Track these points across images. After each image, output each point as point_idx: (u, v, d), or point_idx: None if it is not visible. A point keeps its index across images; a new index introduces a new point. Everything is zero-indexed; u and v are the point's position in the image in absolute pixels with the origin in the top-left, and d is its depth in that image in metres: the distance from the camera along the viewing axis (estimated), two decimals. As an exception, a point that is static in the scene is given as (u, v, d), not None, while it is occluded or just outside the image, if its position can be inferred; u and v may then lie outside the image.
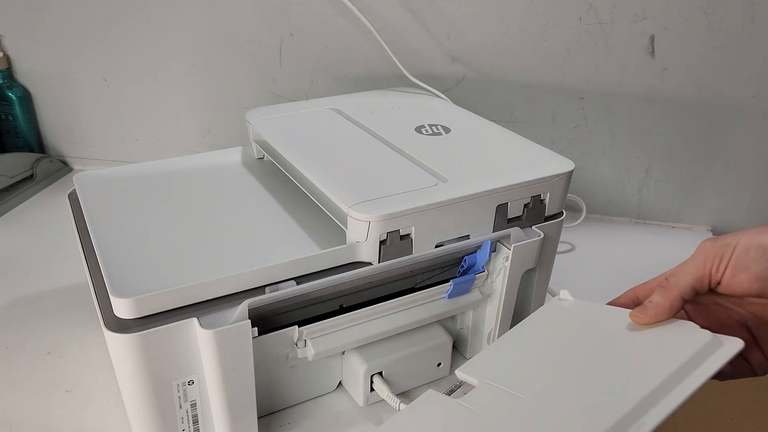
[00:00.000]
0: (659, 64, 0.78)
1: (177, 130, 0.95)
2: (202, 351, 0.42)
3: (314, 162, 0.54)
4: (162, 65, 0.90)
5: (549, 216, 0.56)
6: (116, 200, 0.55)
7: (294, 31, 0.84)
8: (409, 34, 0.81)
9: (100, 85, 0.93)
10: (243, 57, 0.87)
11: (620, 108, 0.81)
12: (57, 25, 0.89)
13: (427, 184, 0.50)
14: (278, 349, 0.47)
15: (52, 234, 0.79)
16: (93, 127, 0.97)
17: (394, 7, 0.80)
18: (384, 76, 0.84)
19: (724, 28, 0.74)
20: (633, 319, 0.39)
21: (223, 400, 0.44)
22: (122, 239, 0.49)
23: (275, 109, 0.67)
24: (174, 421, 0.45)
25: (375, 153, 0.57)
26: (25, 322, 0.62)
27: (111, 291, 0.41)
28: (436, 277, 0.52)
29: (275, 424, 0.51)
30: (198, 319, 0.42)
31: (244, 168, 0.63)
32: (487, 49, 0.81)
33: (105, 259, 0.45)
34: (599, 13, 0.76)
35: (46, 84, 0.94)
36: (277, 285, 0.45)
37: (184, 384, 0.44)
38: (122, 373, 0.42)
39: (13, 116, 0.94)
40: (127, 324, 0.41)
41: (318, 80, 0.87)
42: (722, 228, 0.86)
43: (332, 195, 0.49)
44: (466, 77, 0.83)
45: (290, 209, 0.56)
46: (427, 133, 0.61)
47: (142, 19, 0.87)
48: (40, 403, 0.53)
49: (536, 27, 0.78)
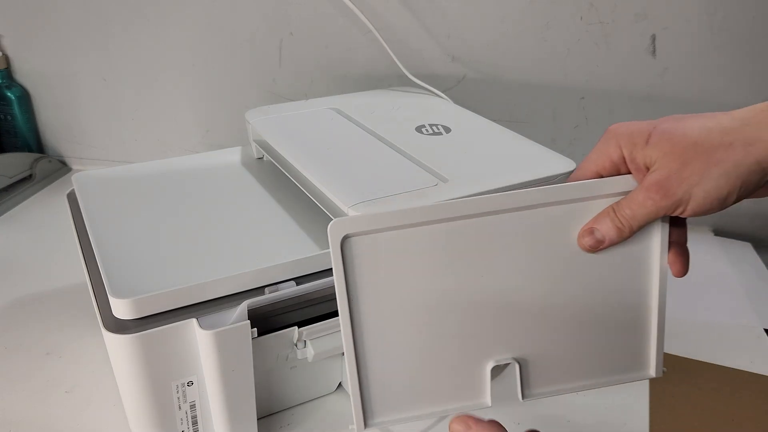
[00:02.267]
0: (660, 64, 0.77)
1: (176, 130, 0.95)
2: (201, 352, 0.42)
3: (314, 162, 0.54)
4: (162, 65, 0.90)
5: (550, 216, 0.56)
6: (115, 200, 0.55)
7: (294, 31, 0.84)
8: (409, 34, 0.81)
9: (100, 85, 0.93)
10: (243, 57, 0.87)
11: (621, 108, 0.81)
12: (56, 25, 0.89)
13: (428, 184, 0.50)
14: (278, 349, 0.47)
15: (51, 234, 0.79)
16: (92, 127, 0.97)
17: (394, 7, 0.80)
18: (384, 76, 0.84)
19: (726, 28, 0.74)
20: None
21: (223, 401, 0.44)
22: (121, 239, 0.49)
23: (275, 108, 0.67)
24: (173, 421, 0.45)
25: (375, 153, 0.56)
26: (25, 323, 0.62)
27: (110, 292, 0.41)
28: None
29: (275, 425, 0.51)
30: (197, 319, 0.41)
31: (244, 168, 0.63)
32: (487, 48, 0.81)
33: (104, 260, 0.45)
34: (600, 12, 0.76)
35: (45, 84, 0.94)
36: (276, 285, 0.45)
37: (184, 385, 0.44)
38: (121, 374, 0.42)
39: (12, 116, 0.94)
40: (126, 325, 0.41)
41: (318, 80, 0.87)
42: (724, 228, 0.86)
43: (332, 195, 0.49)
44: (466, 77, 0.83)
45: (290, 209, 0.56)
46: (427, 132, 0.61)
47: (142, 18, 0.87)
48: (40, 404, 0.53)
49: (537, 26, 0.78)
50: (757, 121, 0.34)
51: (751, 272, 0.77)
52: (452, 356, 0.41)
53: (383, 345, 0.39)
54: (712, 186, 0.35)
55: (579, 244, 0.39)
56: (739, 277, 0.75)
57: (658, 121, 0.37)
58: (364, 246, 0.37)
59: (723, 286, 0.73)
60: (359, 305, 0.38)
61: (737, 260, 0.79)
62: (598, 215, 0.39)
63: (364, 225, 0.37)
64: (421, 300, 0.39)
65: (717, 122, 0.35)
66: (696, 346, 0.62)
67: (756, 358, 0.61)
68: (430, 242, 0.39)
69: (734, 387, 0.57)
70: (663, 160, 0.35)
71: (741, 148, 0.34)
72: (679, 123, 0.36)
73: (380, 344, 0.39)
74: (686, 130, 0.35)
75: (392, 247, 0.38)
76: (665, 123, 0.36)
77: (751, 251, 0.82)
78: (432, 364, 0.41)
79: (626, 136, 0.37)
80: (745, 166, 0.34)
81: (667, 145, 0.35)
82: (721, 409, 0.55)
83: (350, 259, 0.37)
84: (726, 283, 0.74)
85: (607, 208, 0.38)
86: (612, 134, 0.38)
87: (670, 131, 0.36)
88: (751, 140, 0.34)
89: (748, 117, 0.35)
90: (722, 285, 0.74)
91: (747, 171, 0.34)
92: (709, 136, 0.35)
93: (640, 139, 0.36)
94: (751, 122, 0.34)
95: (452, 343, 0.40)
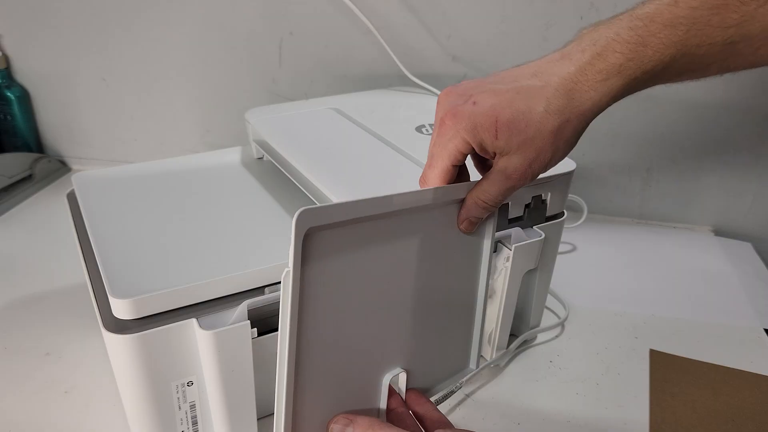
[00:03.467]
0: (660, 64, 0.77)
1: (176, 129, 0.95)
2: (201, 352, 0.42)
3: (314, 162, 0.54)
4: (161, 65, 0.90)
5: (550, 216, 0.56)
6: (115, 200, 0.55)
7: (294, 31, 0.84)
8: (409, 34, 0.81)
9: (99, 85, 0.93)
10: (242, 57, 0.87)
11: (621, 107, 0.80)
12: (56, 25, 0.89)
13: (428, 184, 0.50)
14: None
15: (51, 234, 0.79)
16: (92, 127, 0.97)
17: (394, 7, 0.80)
18: (384, 76, 0.84)
19: (726, 27, 0.74)
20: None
21: (223, 402, 0.44)
22: (121, 239, 0.49)
23: (275, 108, 0.67)
24: (173, 422, 0.45)
25: (375, 153, 0.56)
26: (24, 323, 0.62)
27: (110, 292, 0.41)
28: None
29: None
30: (197, 319, 0.41)
31: (244, 168, 0.63)
32: (487, 48, 0.81)
33: (104, 260, 0.45)
34: (600, 12, 0.76)
35: (45, 84, 0.94)
36: (276, 285, 0.45)
37: (184, 385, 0.44)
38: (121, 374, 0.42)
39: (12, 116, 0.94)
40: (126, 325, 0.41)
41: (318, 80, 0.87)
42: (724, 228, 0.86)
43: (332, 195, 0.49)
44: (466, 77, 0.83)
45: (290, 209, 0.56)
46: (427, 132, 0.61)
47: (142, 19, 0.87)
48: (39, 404, 0.53)
49: (537, 26, 0.78)
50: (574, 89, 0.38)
51: (751, 272, 0.77)
52: (364, 366, 0.40)
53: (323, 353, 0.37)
54: (562, 153, 0.40)
55: (461, 229, 0.43)
56: (739, 277, 0.75)
57: (488, 101, 0.38)
58: (324, 241, 0.35)
59: (723, 286, 0.73)
60: (308, 307, 0.35)
61: (737, 260, 0.79)
62: (466, 206, 0.42)
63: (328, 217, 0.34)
64: (355, 304, 0.38)
65: (544, 102, 0.38)
66: (696, 346, 0.62)
67: (756, 358, 0.61)
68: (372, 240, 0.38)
69: (734, 387, 0.57)
70: (519, 151, 0.39)
71: (575, 119, 0.38)
72: (513, 109, 0.38)
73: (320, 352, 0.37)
74: (528, 120, 0.38)
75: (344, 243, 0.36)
76: (502, 111, 0.38)
77: (751, 251, 0.82)
78: (351, 375, 0.40)
79: (471, 130, 0.39)
80: (581, 128, 0.40)
81: (517, 139, 0.38)
82: (721, 409, 0.55)
83: (309, 253, 0.34)
84: (726, 283, 0.74)
85: (471, 196, 0.42)
86: (452, 130, 0.39)
87: (513, 124, 0.38)
88: (576, 111, 0.38)
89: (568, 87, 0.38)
90: (722, 285, 0.74)
91: (583, 130, 0.40)
92: (548, 121, 0.38)
93: (487, 134, 0.38)
94: (569, 93, 0.38)
95: (368, 352, 0.40)
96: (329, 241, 0.35)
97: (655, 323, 0.66)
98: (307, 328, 0.36)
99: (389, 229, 0.38)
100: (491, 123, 0.38)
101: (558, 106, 0.38)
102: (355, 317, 0.38)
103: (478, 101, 0.39)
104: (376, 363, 0.41)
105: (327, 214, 0.34)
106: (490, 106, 0.38)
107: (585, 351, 0.61)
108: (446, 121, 0.40)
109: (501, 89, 0.39)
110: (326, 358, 0.38)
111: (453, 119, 0.39)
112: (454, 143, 0.40)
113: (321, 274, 0.35)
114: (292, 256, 0.33)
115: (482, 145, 0.39)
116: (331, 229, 0.35)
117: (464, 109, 0.39)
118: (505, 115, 0.38)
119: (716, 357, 0.61)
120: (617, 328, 0.65)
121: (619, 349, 0.62)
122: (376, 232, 0.37)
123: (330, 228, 0.34)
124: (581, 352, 0.61)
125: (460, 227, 0.43)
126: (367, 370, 0.41)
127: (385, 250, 0.38)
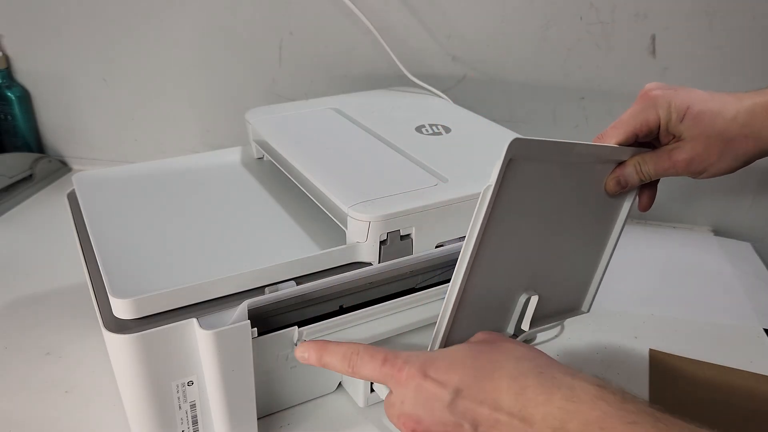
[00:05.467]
0: (660, 64, 0.77)
1: (176, 129, 0.95)
2: (201, 352, 0.42)
3: (314, 162, 0.54)
4: (162, 65, 0.90)
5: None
6: (115, 200, 0.55)
7: (294, 31, 0.84)
8: (409, 34, 0.81)
9: (100, 85, 0.93)
10: (243, 57, 0.87)
11: (621, 108, 0.80)
12: (56, 25, 0.89)
13: (428, 184, 0.50)
14: (278, 349, 0.47)
15: (51, 234, 0.79)
16: (92, 127, 0.97)
17: (394, 7, 0.80)
18: (384, 76, 0.84)
19: (726, 27, 0.74)
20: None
21: (223, 401, 0.44)
22: (121, 239, 0.49)
23: (275, 108, 0.67)
24: (173, 421, 0.45)
25: (375, 153, 0.56)
26: (25, 323, 0.62)
27: (110, 291, 0.41)
28: (436, 277, 0.52)
29: (275, 424, 0.51)
30: (197, 319, 0.41)
31: (244, 168, 0.63)
32: (487, 48, 0.81)
33: (104, 260, 0.45)
34: (600, 12, 0.76)
35: (45, 84, 0.94)
36: (276, 285, 0.45)
37: (184, 385, 0.44)
38: (121, 374, 0.42)
39: (12, 116, 0.94)
40: (127, 324, 0.41)
41: (318, 80, 0.87)
42: (724, 228, 0.86)
43: (332, 195, 0.49)
44: (466, 77, 0.83)
45: (290, 209, 0.56)
46: (427, 132, 0.61)
47: (142, 19, 0.87)
48: (39, 404, 0.53)
49: (537, 26, 0.78)
50: (763, 117, 0.44)
51: (751, 272, 0.77)
52: (510, 286, 0.47)
53: (488, 268, 0.44)
54: (724, 165, 0.46)
55: (606, 187, 0.48)
56: (739, 277, 0.75)
57: (689, 96, 0.45)
58: (519, 169, 0.41)
59: (723, 286, 0.73)
60: (490, 223, 0.41)
61: (737, 260, 0.79)
62: (624, 166, 0.47)
63: (534, 149, 0.41)
64: (524, 231, 0.44)
65: (735, 113, 0.44)
66: (696, 346, 0.62)
67: (756, 358, 0.61)
68: (553, 180, 0.44)
69: (734, 387, 0.57)
70: (692, 141, 0.45)
71: (752, 141, 0.44)
72: (706, 107, 0.44)
73: (486, 267, 0.43)
74: (714, 118, 0.44)
75: (532, 176, 0.42)
76: (696, 104, 0.44)
77: (751, 251, 0.82)
78: (499, 294, 0.46)
79: (666, 107, 0.45)
80: (752, 153, 0.45)
81: (696, 130, 0.44)
82: (722, 409, 0.55)
83: (505, 177, 0.40)
84: (726, 283, 0.74)
85: (632, 161, 0.47)
86: (651, 101, 0.45)
87: (700, 116, 0.44)
88: (759, 134, 0.44)
89: (758, 112, 0.44)
90: (722, 285, 0.74)
91: (752, 156, 0.45)
92: (730, 127, 0.44)
93: (676, 115, 0.44)
94: (758, 117, 0.44)
95: (518, 275, 0.47)
96: (522, 171, 0.41)
97: (655, 323, 0.66)
98: (485, 244, 0.42)
99: (568, 173, 0.44)
100: (683, 106, 0.44)
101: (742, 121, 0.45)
102: (520, 243, 0.45)
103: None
104: (521, 285, 0.47)
105: (534, 146, 0.40)
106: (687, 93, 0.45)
107: (585, 351, 0.61)
108: (643, 95, 0.47)
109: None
110: (488, 274, 0.44)
111: (652, 93, 0.46)
112: (642, 110, 0.45)
113: (508, 198, 0.41)
114: (495, 174, 0.39)
115: (668, 124, 0.44)
116: (527, 162, 0.41)
117: (662, 88, 0.46)
118: (696, 106, 0.44)
119: (716, 357, 0.61)
120: (617, 328, 0.65)
121: (619, 349, 0.62)
122: (558, 173, 0.44)
123: (527, 161, 0.41)
124: (581, 352, 0.61)
125: (607, 184, 0.47)
126: (511, 290, 0.47)
127: (559, 190, 0.45)
